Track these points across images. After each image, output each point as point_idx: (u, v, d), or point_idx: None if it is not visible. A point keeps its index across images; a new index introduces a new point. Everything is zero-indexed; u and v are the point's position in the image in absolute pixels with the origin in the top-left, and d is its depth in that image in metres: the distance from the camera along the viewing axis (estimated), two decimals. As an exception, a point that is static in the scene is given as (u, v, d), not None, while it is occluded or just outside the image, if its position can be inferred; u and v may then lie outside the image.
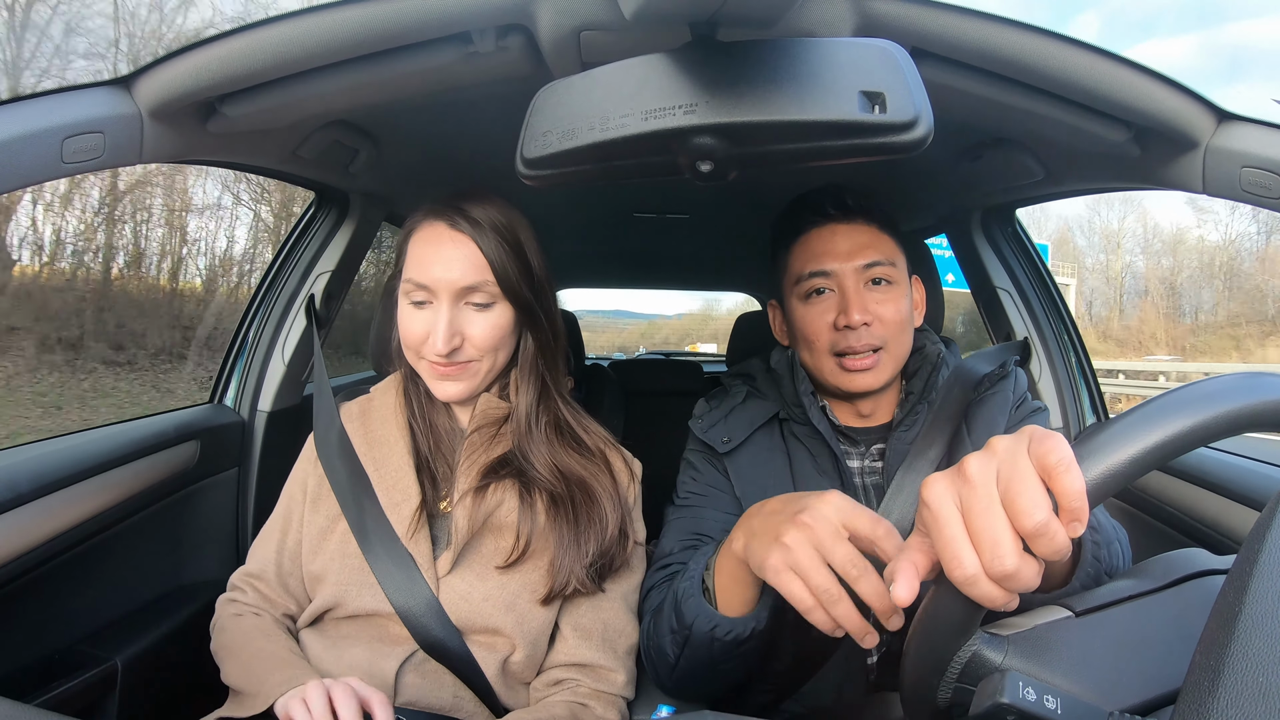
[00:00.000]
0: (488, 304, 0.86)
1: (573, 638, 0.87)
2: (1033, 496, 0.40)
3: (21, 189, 0.70)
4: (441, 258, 0.84)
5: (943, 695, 0.48)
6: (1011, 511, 0.41)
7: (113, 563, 1.13)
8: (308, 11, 0.68)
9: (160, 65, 0.73)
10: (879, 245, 0.92)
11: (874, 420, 0.98)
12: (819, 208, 0.94)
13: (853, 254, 0.91)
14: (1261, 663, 0.34)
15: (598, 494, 0.89)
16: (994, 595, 0.42)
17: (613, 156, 0.49)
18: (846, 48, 0.45)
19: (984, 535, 0.42)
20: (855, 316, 0.88)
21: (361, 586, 0.83)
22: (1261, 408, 0.40)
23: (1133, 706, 0.44)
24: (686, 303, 25.56)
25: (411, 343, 0.87)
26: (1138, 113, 0.74)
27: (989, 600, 0.42)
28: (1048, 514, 0.40)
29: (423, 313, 0.86)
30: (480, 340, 0.86)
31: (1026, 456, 0.42)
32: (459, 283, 0.84)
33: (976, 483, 0.43)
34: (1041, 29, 0.68)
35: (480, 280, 0.84)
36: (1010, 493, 0.41)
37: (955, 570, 0.42)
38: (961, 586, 0.42)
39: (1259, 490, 1.02)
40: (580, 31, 0.68)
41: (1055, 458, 0.40)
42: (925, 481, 0.46)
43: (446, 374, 0.87)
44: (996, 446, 0.44)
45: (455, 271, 0.84)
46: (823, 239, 0.92)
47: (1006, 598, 0.42)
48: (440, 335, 0.83)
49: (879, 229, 0.93)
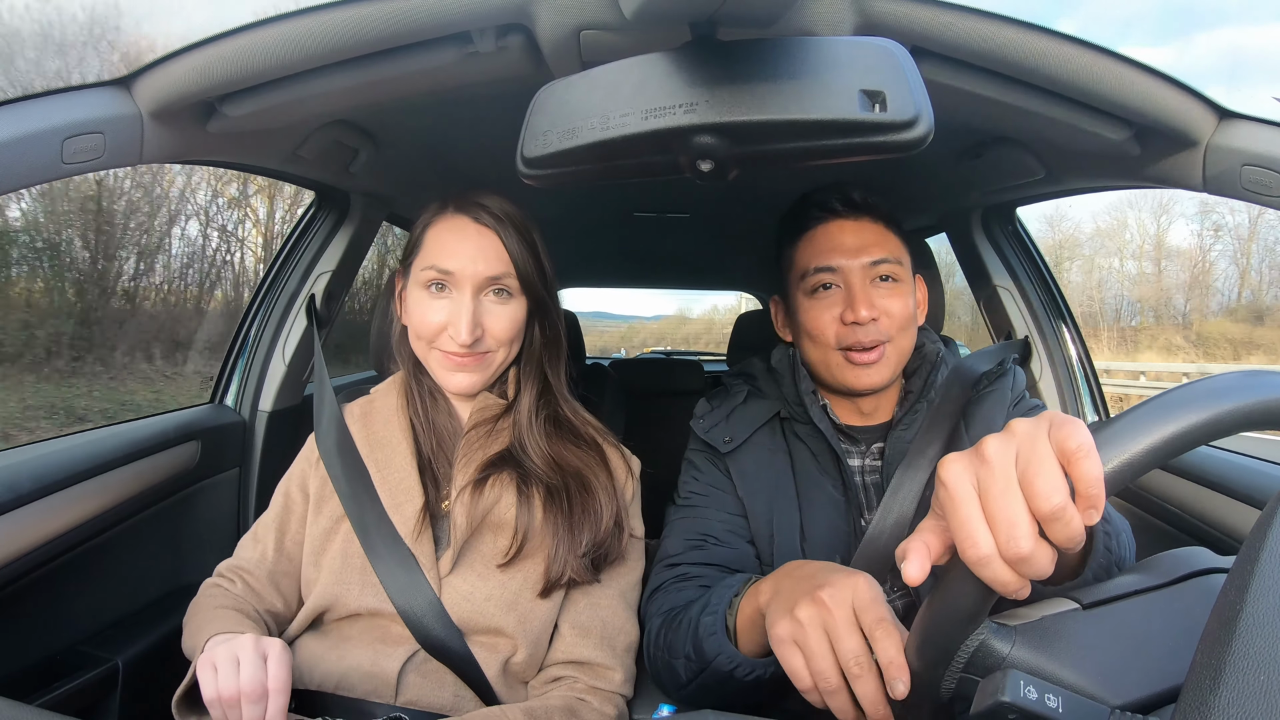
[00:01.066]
0: (507, 297, 0.88)
1: (571, 635, 0.87)
2: (1051, 480, 0.40)
3: (21, 189, 0.70)
4: (467, 247, 0.86)
5: (947, 685, 0.48)
6: (1029, 493, 0.41)
7: (114, 563, 1.13)
8: (308, 11, 0.68)
9: (160, 65, 0.73)
10: (885, 243, 0.92)
11: (874, 419, 0.98)
12: (827, 204, 0.94)
13: (860, 251, 0.91)
14: (1262, 662, 0.34)
15: (593, 486, 0.90)
16: (1007, 579, 0.41)
17: (613, 156, 0.49)
18: (847, 46, 0.45)
19: (1000, 516, 0.41)
20: (863, 312, 0.88)
21: (363, 586, 0.83)
22: (1274, 405, 0.40)
23: (1137, 700, 0.44)
24: (663, 305, 25.52)
25: (427, 332, 0.88)
26: (1138, 111, 0.74)
27: (1001, 584, 0.42)
28: (1065, 498, 0.40)
29: (441, 301, 0.87)
30: (499, 332, 0.88)
31: (1046, 440, 0.42)
32: (484, 273, 0.86)
33: (995, 464, 0.42)
34: (1042, 27, 0.67)
35: (503, 272, 0.87)
36: (1028, 475, 0.41)
37: (969, 550, 0.42)
38: (975, 567, 0.42)
39: (1260, 489, 1.02)
40: (580, 31, 0.68)
41: (1075, 443, 0.40)
42: (943, 461, 0.45)
43: (462, 364, 0.88)
44: (1016, 429, 0.44)
45: (481, 262, 0.85)
46: (830, 235, 0.92)
47: (1019, 583, 0.42)
48: (465, 325, 0.84)
49: (885, 227, 0.93)
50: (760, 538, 0.94)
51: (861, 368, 0.90)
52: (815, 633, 0.58)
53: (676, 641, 0.79)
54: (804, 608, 0.59)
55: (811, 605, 0.59)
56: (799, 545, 0.91)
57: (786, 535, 0.92)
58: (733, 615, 0.74)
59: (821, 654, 0.57)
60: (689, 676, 0.77)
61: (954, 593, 0.45)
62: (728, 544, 0.93)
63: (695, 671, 0.75)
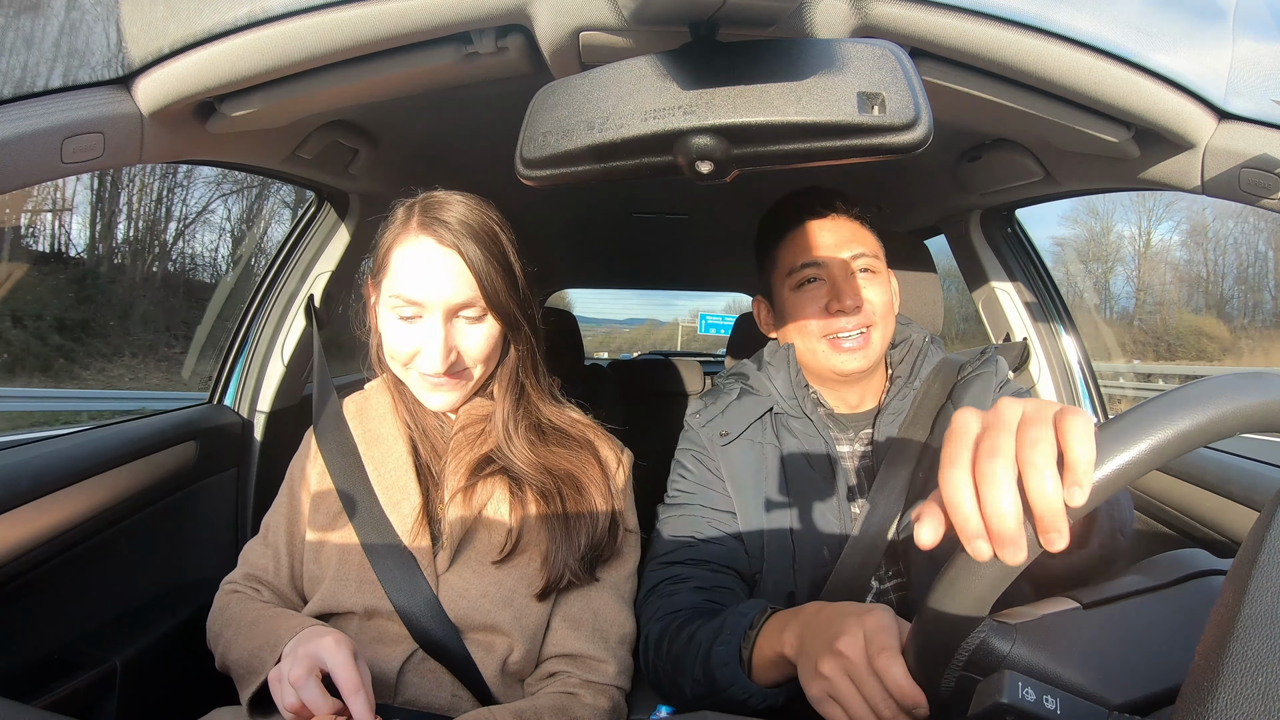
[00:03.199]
0: (479, 317, 0.86)
1: (562, 628, 0.87)
2: (1040, 431, 0.42)
3: (22, 189, 0.70)
4: (433, 273, 0.83)
5: (946, 683, 0.48)
6: (1019, 441, 0.42)
7: (112, 562, 1.13)
8: (308, 11, 0.68)
9: (160, 65, 0.73)
10: (862, 239, 0.98)
11: (862, 407, 1.02)
12: (807, 206, 1.00)
13: (840, 246, 0.97)
14: (1261, 663, 0.34)
15: (586, 486, 0.90)
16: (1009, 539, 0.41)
17: (612, 157, 0.49)
18: (846, 48, 0.45)
19: (986, 467, 0.42)
20: (848, 301, 0.94)
21: (360, 584, 0.83)
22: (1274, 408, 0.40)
23: (1136, 699, 0.44)
24: (638, 310, 25.77)
25: (401, 357, 0.87)
26: (1137, 113, 0.74)
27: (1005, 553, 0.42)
28: (1051, 452, 0.41)
29: (412, 327, 0.85)
30: (474, 352, 0.87)
31: (1051, 413, 0.43)
32: (453, 300, 0.83)
33: (1003, 413, 0.44)
34: (1042, 29, 0.67)
35: (470, 298, 0.84)
36: (1023, 426, 0.42)
37: (953, 514, 0.43)
38: (960, 536, 0.43)
39: (1258, 491, 1.03)
40: (579, 32, 0.68)
41: (1075, 421, 0.41)
42: (957, 414, 0.46)
43: (439, 385, 0.88)
44: (1027, 399, 0.45)
45: (449, 289, 0.83)
46: (811, 234, 0.98)
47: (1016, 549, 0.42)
48: (437, 354, 0.83)
49: (860, 225, 1.00)
50: (749, 531, 0.95)
51: (847, 352, 0.95)
52: (843, 684, 0.60)
53: (684, 661, 0.80)
54: (827, 663, 0.62)
55: (833, 659, 0.61)
56: (789, 538, 0.93)
57: (776, 528, 0.94)
58: (748, 648, 0.75)
59: (856, 703, 0.59)
60: (694, 695, 0.79)
61: (965, 571, 0.45)
62: (717, 541, 0.95)
63: (702, 694, 0.78)
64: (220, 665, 0.85)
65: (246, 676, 0.78)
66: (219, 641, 0.85)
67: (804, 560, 0.90)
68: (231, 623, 0.84)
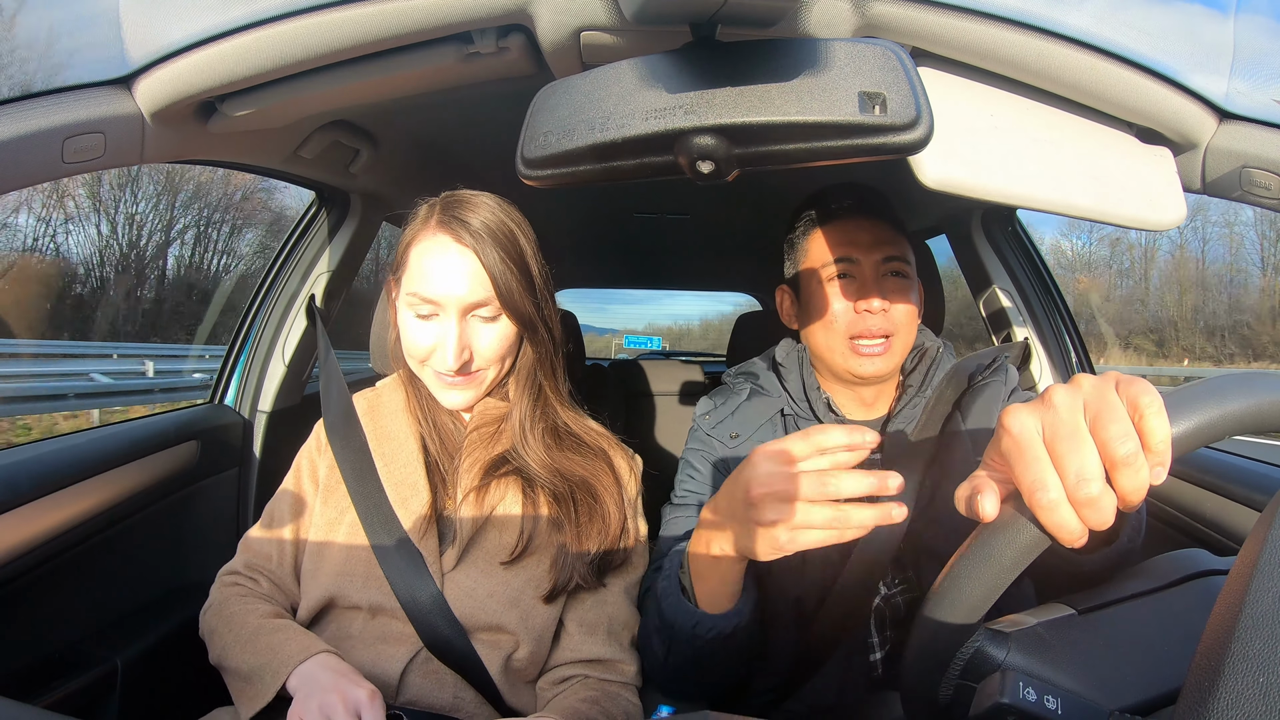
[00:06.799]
0: (494, 316, 0.86)
1: (578, 634, 0.87)
2: (1124, 426, 0.41)
3: (22, 189, 0.70)
4: (449, 272, 0.83)
5: (944, 692, 0.48)
6: (1102, 439, 0.41)
7: (113, 563, 1.13)
8: (308, 11, 0.68)
9: (160, 65, 0.73)
10: (896, 242, 0.97)
11: (874, 411, 1.00)
12: (845, 201, 0.99)
13: (874, 246, 0.95)
14: (1261, 663, 0.34)
15: (600, 493, 0.90)
16: (1071, 525, 0.41)
17: (613, 157, 0.49)
18: (847, 48, 0.45)
19: (1069, 460, 0.41)
20: (875, 302, 0.92)
21: (366, 579, 0.83)
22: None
23: (1134, 704, 0.44)
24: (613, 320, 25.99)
25: (417, 354, 0.88)
26: (1138, 113, 0.74)
27: (1066, 529, 0.42)
28: (1138, 444, 0.40)
29: (429, 325, 0.86)
30: (488, 352, 0.87)
31: (1115, 393, 0.42)
32: (467, 299, 0.84)
33: (1063, 411, 0.43)
34: (1042, 29, 0.67)
35: (485, 297, 0.84)
36: (1100, 421, 0.41)
37: (1038, 494, 0.42)
38: (1042, 512, 0.42)
39: (1259, 491, 1.02)
40: (580, 31, 0.68)
41: (1148, 399, 0.40)
42: (1006, 411, 0.45)
43: (454, 383, 0.88)
44: (1082, 382, 0.44)
45: (463, 288, 0.83)
46: (848, 230, 0.97)
47: (1080, 531, 0.42)
48: (451, 352, 0.84)
49: (895, 229, 0.98)
50: None
51: (867, 357, 0.93)
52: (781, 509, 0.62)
53: (648, 617, 0.83)
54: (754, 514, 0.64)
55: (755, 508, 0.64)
56: None
57: None
58: (685, 575, 0.77)
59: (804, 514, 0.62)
60: (663, 650, 0.80)
61: (999, 543, 0.45)
62: None
63: (666, 641, 0.79)
64: (214, 662, 0.84)
65: (245, 690, 0.78)
66: (215, 639, 0.85)
67: (811, 563, 0.90)
68: (230, 624, 0.84)
